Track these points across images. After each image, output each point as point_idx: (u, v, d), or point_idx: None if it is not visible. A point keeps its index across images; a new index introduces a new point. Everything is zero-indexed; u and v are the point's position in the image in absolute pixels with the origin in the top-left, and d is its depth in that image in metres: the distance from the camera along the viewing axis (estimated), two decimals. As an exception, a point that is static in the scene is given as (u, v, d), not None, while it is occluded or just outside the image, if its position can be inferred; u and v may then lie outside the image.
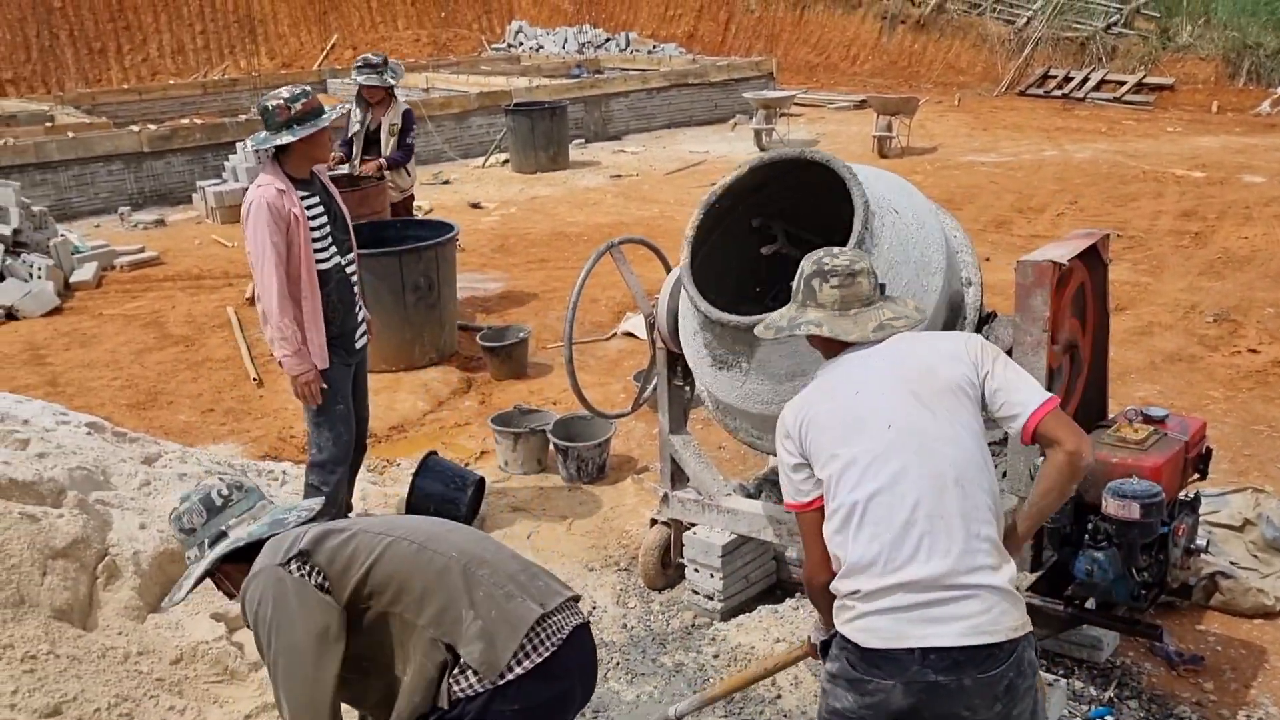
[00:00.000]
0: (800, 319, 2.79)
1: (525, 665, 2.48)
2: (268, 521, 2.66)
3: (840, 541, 2.60)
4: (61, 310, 9.11)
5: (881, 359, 2.71)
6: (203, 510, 2.64)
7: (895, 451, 2.57)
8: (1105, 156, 14.03)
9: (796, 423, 2.70)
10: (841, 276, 2.75)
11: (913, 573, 2.51)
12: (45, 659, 3.40)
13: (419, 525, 2.74)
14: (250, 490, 2.73)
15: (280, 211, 4.29)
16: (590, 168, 14.85)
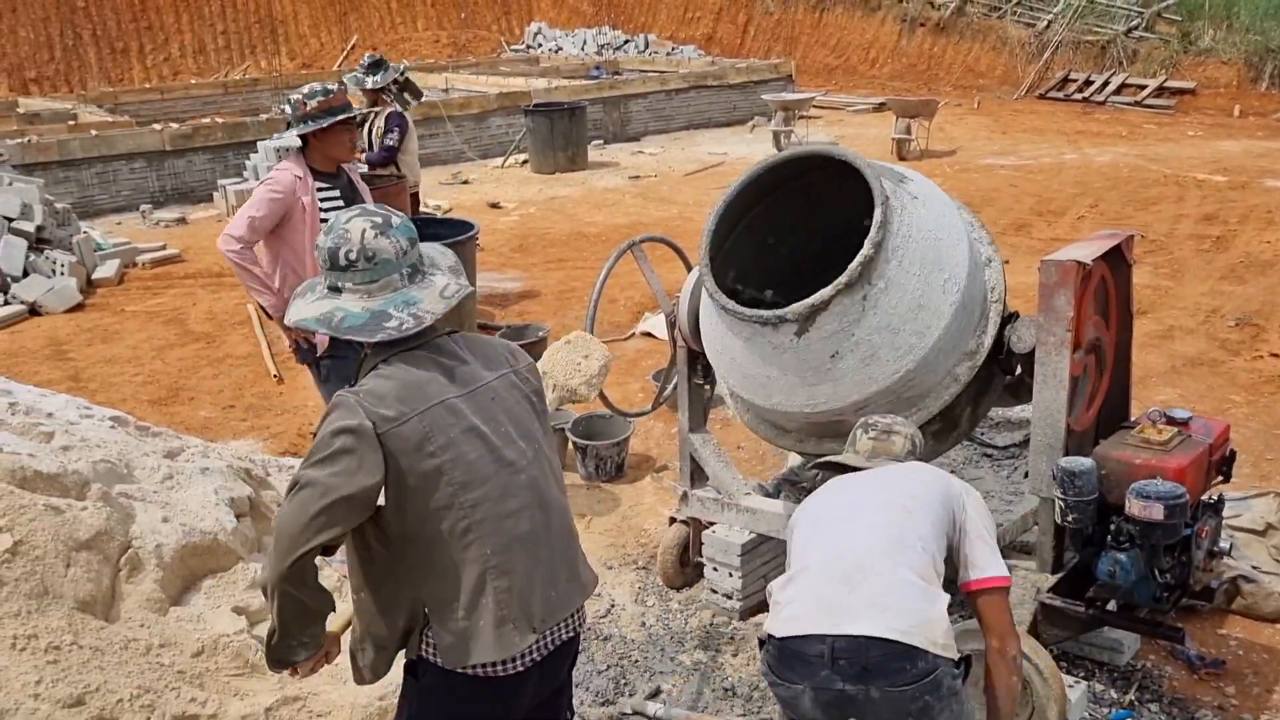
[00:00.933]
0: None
1: (481, 672, 2.46)
2: (374, 310, 2.46)
3: None
4: (84, 307, 9.18)
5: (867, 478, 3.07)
6: (327, 261, 2.50)
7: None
8: (1126, 160, 13.97)
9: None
10: (881, 432, 3.17)
11: None
12: (69, 650, 3.41)
13: (495, 489, 2.48)
14: (381, 263, 2.48)
15: (287, 191, 4.44)
16: (609, 168, 14.86)
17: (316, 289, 2.57)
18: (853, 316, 3.37)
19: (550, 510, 2.59)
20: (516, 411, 2.59)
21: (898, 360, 3.44)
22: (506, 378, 2.61)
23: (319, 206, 4.50)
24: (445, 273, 2.62)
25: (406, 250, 2.52)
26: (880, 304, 3.38)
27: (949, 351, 3.55)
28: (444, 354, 2.53)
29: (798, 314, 3.37)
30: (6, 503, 3.63)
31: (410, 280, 2.52)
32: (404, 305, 2.49)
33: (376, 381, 2.46)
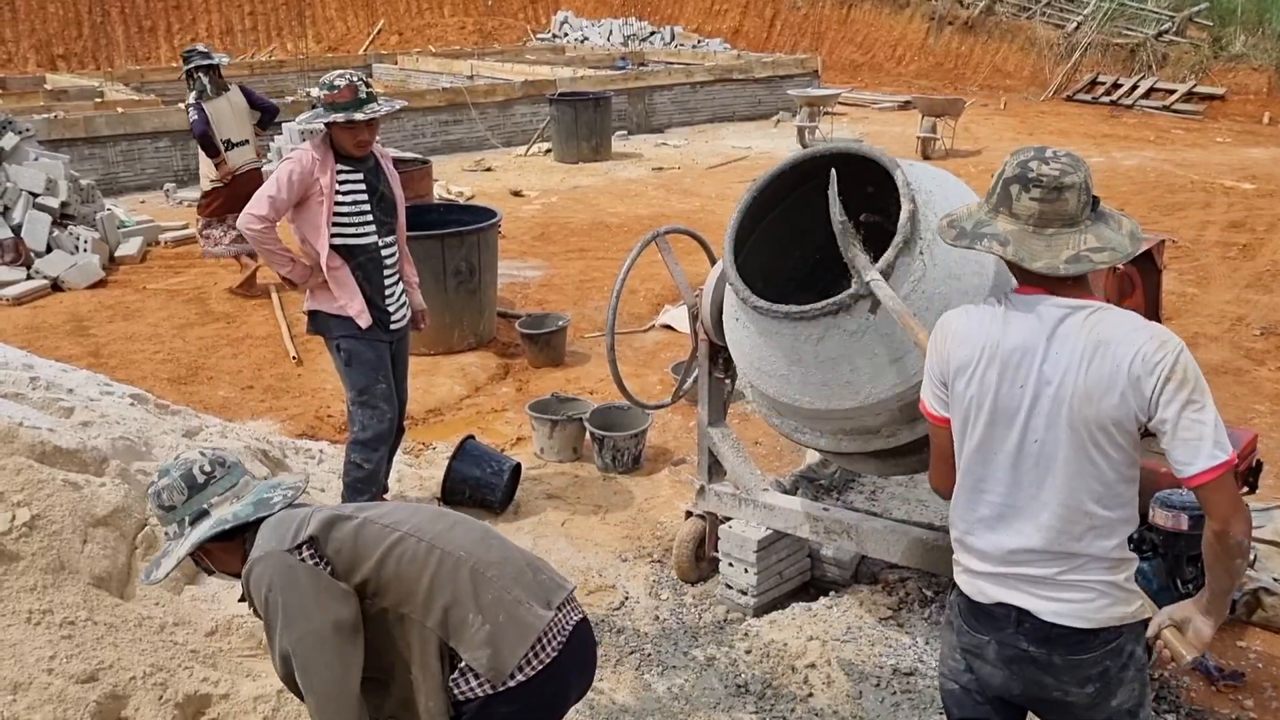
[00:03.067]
0: (985, 230, 2.39)
1: (528, 672, 2.46)
2: (252, 501, 2.55)
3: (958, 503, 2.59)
4: (106, 283, 9.22)
5: (1058, 354, 2.34)
6: (184, 487, 2.53)
7: (1036, 468, 2.40)
8: (1153, 165, 13.86)
9: (954, 357, 2.46)
10: (1046, 189, 2.33)
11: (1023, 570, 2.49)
12: (84, 625, 3.42)
13: (425, 520, 2.64)
14: (233, 466, 2.61)
15: (305, 172, 4.48)
16: (632, 159, 14.83)
17: (169, 548, 2.57)
18: (918, 273, 3.31)
19: (488, 527, 2.78)
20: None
21: (981, 272, 3.39)
22: None
23: (339, 189, 4.51)
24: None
25: (240, 461, 2.70)
26: (936, 255, 3.34)
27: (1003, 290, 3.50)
28: None
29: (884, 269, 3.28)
30: (25, 477, 3.65)
31: (253, 477, 2.67)
32: (273, 489, 2.62)
33: (263, 533, 2.52)
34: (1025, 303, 2.39)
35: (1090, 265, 2.33)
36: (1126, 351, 2.29)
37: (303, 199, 4.52)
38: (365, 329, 4.59)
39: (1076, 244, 2.33)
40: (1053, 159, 2.35)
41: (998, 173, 2.44)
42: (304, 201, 4.53)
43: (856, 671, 3.88)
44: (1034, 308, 2.37)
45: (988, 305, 2.47)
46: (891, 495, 4.79)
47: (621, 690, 3.91)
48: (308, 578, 2.40)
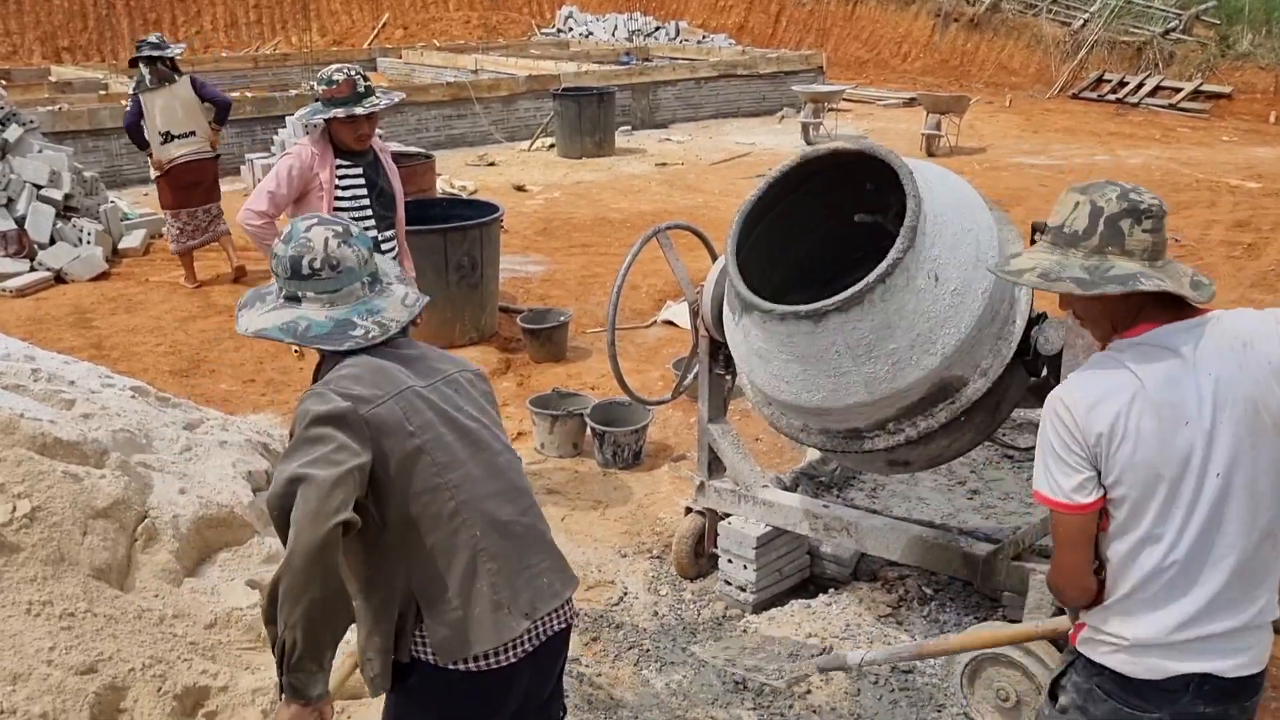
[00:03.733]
0: (1117, 273, 2.19)
1: (477, 666, 2.42)
2: (336, 319, 2.45)
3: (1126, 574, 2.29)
4: (109, 275, 9.23)
5: (1209, 375, 2.20)
6: (289, 269, 2.48)
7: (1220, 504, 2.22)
8: (1158, 163, 13.83)
9: (1095, 426, 2.20)
10: (1156, 219, 2.22)
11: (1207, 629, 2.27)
12: (83, 617, 3.42)
13: (475, 470, 2.47)
14: (345, 272, 2.47)
15: (304, 167, 4.50)
16: (636, 155, 14.82)
17: (267, 299, 2.54)
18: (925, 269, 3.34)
19: (526, 499, 2.58)
20: (479, 403, 2.60)
21: (982, 280, 3.41)
22: (465, 375, 2.63)
23: (339, 184, 4.53)
24: (398, 283, 2.63)
25: (367, 259, 2.53)
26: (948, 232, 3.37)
27: (989, 320, 3.53)
28: (401, 349, 2.55)
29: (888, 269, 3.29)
30: (26, 468, 3.65)
31: (371, 289, 2.52)
32: (367, 314, 2.49)
33: (346, 370, 2.43)
34: (1140, 345, 2.24)
35: (1207, 290, 2.25)
36: (1268, 342, 2.22)
37: (302, 194, 4.53)
38: None
39: (1184, 271, 2.26)
40: (1143, 190, 2.27)
41: (1081, 212, 2.25)
42: (304, 197, 4.54)
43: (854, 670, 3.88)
44: (1156, 344, 2.23)
45: (1096, 366, 2.27)
46: (892, 493, 4.79)
47: (620, 685, 3.91)
48: (352, 431, 2.30)
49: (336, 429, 2.29)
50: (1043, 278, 2.25)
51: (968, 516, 4.48)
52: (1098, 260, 2.22)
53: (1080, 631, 2.36)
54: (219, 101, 8.77)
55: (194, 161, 8.59)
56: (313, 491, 2.21)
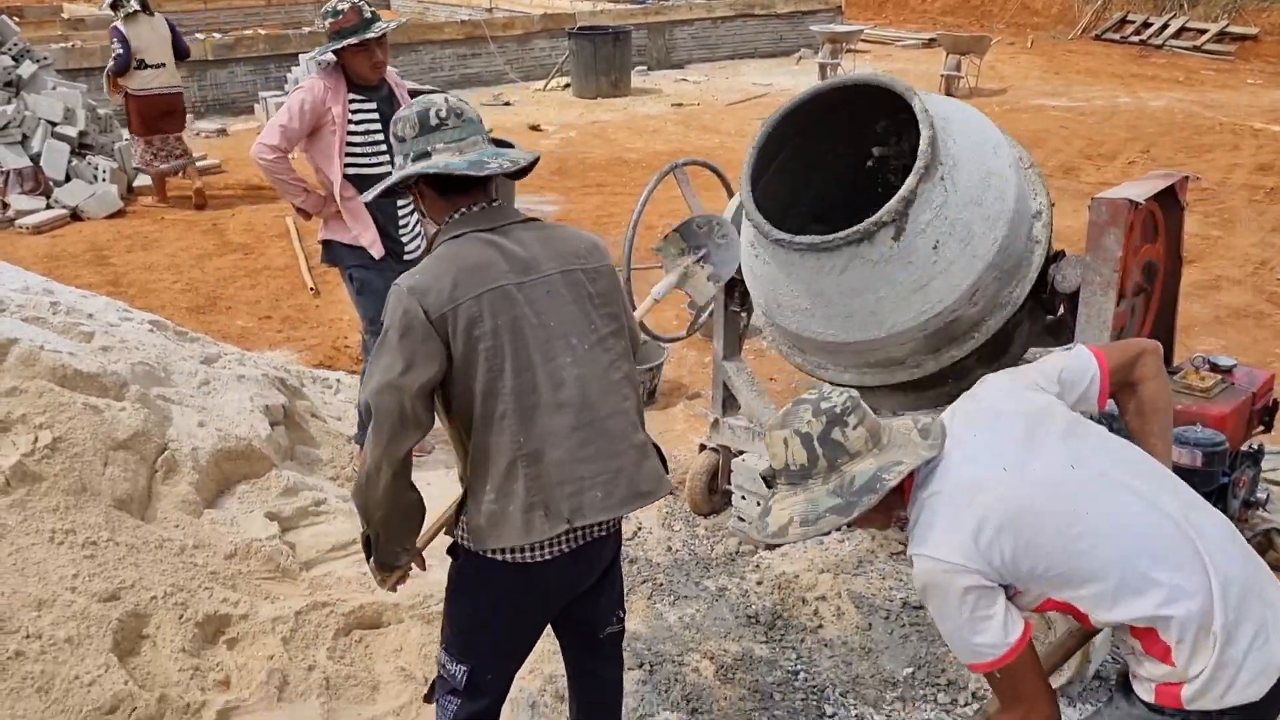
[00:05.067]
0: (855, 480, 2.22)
1: (504, 558, 2.50)
2: (470, 159, 2.53)
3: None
4: (124, 213, 9.24)
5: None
6: (416, 123, 2.55)
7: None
8: (1181, 106, 13.64)
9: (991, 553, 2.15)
10: (856, 412, 2.28)
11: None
12: (105, 546, 3.48)
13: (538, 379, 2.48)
14: (469, 121, 2.58)
15: (317, 101, 4.47)
16: (651, 95, 14.69)
17: (401, 161, 2.59)
18: (939, 199, 3.29)
19: (599, 409, 2.55)
20: (573, 309, 2.56)
21: (991, 229, 3.37)
22: (572, 275, 2.58)
23: (351, 118, 4.50)
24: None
25: (481, 119, 2.65)
26: (958, 181, 3.32)
27: (1023, 217, 3.50)
28: (507, 237, 2.55)
29: (892, 212, 3.25)
30: (47, 400, 3.68)
31: (489, 143, 2.62)
32: (495, 155, 2.55)
33: (432, 264, 2.51)
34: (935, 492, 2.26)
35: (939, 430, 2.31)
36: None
37: (315, 128, 4.51)
38: (378, 259, 4.59)
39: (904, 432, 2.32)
40: (825, 396, 2.31)
41: (795, 446, 2.26)
42: (317, 131, 4.52)
43: (866, 604, 3.92)
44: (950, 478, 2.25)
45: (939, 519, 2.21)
46: (905, 432, 4.80)
47: (634, 618, 3.95)
48: (421, 339, 2.42)
49: (410, 335, 2.42)
50: (805, 524, 2.22)
51: (981, 456, 4.50)
52: (838, 479, 2.22)
53: (1181, 691, 2.15)
54: (182, 49, 9.42)
55: (166, 94, 9.19)
56: (381, 423, 2.42)
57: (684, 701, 3.53)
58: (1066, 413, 2.32)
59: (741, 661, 3.70)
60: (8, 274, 4.66)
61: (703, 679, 3.63)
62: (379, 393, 2.42)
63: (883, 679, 3.60)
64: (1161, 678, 2.16)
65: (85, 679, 3.08)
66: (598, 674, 2.99)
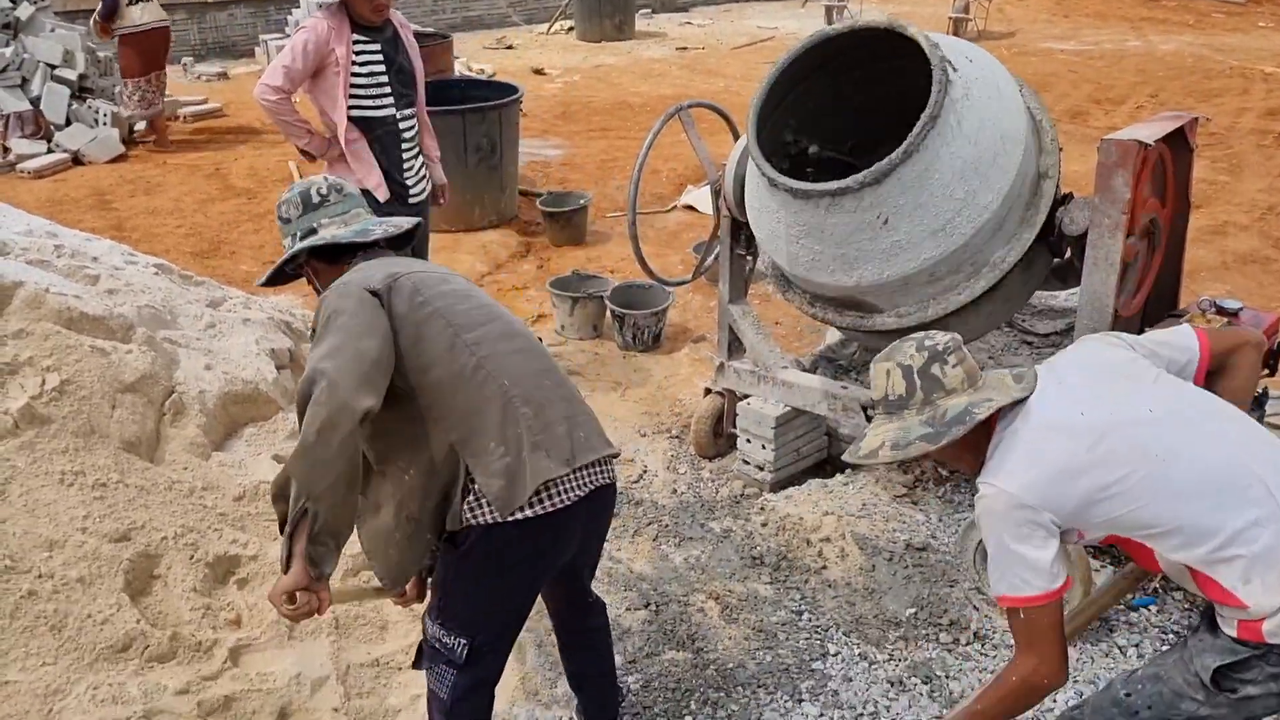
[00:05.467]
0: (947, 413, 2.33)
1: (535, 510, 2.47)
2: (356, 229, 2.68)
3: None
4: (126, 157, 9.19)
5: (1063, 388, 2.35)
6: (299, 203, 2.70)
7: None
8: (1191, 50, 13.48)
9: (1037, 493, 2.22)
10: (957, 351, 2.38)
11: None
12: (115, 487, 3.50)
13: (494, 334, 2.56)
14: (349, 196, 2.75)
15: (320, 41, 4.42)
16: (656, 39, 14.54)
17: (290, 237, 2.74)
18: (950, 142, 3.27)
19: (549, 359, 2.69)
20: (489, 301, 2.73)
21: (1002, 170, 3.36)
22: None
23: (355, 59, 4.45)
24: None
25: (360, 194, 2.80)
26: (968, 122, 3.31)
27: (1031, 156, 3.48)
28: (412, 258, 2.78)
29: (903, 155, 3.22)
30: (54, 342, 3.69)
31: (370, 211, 2.79)
32: (379, 224, 2.73)
33: (356, 273, 2.61)
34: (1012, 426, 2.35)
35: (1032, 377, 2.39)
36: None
37: (319, 69, 4.47)
38: (383, 202, 4.57)
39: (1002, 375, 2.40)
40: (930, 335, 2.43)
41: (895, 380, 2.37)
42: (320, 72, 4.48)
43: (870, 546, 3.95)
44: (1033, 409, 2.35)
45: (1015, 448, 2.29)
46: (910, 376, 4.81)
47: (639, 559, 3.99)
48: (371, 312, 2.44)
49: (355, 313, 2.41)
50: (895, 449, 2.33)
51: (985, 400, 4.50)
52: (931, 411, 2.33)
53: (1262, 625, 2.17)
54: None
55: (158, 29, 9.14)
56: (334, 383, 2.29)
57: (689, 641, 3.57)
58: (1149, 367, 2.39)
59: (746, 602, 3.74)
60: (11, 217, 4.64)
61: (708, 619, 3.67)
62: (333, 355, 2.32)
63: (885, 619, 3.64)
64: (1240, 615, 2.19)
65: (98, 618, 3.12)
66: (588, 628, 3.01)
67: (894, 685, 3.36)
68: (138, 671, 3.07)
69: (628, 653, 3.52)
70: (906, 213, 3.32)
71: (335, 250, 2.69)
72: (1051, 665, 2.26)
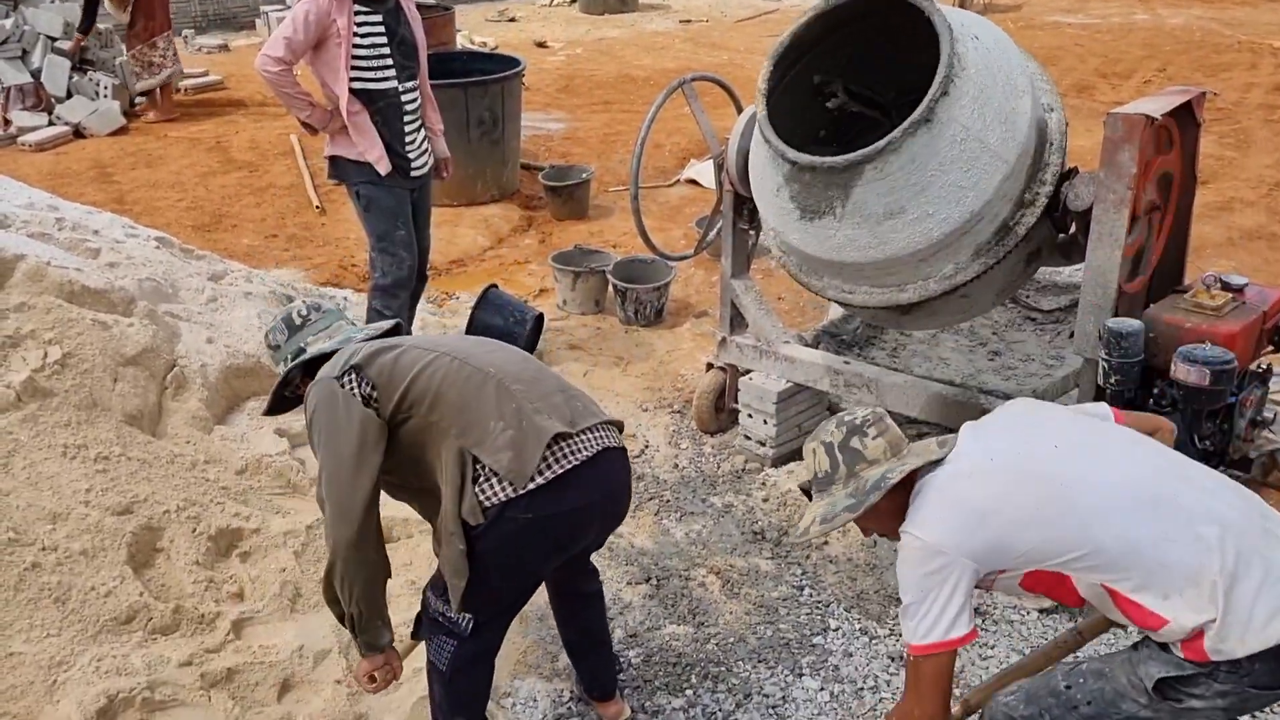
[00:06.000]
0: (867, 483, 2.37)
1: (547, 475, 2.52)
2: (339, 340, 2.80)
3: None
4: (127, 130, 9.15)
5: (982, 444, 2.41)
6: (284, 328, 2.83)
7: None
8: (1200, 23, 13.38)
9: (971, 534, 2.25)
10: (878, 423, 2.43)
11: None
12: (117, 460, 3.51)
13: (466, 344, 2.80)
14: (329, 312, 2.88)
15: (322, 13, 4.39)
16: (659, 11, 14.45)
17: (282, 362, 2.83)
18: (958, 114, 3.23)
19: (539, 363, 2.87)
20: (494, 347, 2.86)
21: (1008, 143, 3.33)
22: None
23: (356, 31, 4.42)
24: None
25: (341, 308, 2.96)
26: (976, 94, 3.27)
27: (1036, 129, 3.48)
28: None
29: (912, 127, 3.20)
30: (55, 316, 3.69)
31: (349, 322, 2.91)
32: (360, 331, 2.87)
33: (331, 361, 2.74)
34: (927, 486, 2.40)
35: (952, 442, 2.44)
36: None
37: (320, 41, 4.44)
38: (385, 175, 4.55)
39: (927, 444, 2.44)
40: (851, 411, 2.49)
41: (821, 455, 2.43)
42: (322, 44, 4.45)
43: (871, 521, 3.95)
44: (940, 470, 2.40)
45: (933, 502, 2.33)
46: (913, 352, 4.80)
47: (640, 534, 4.00)
48: (342, 401, 2.58)
49: (328, 410, 2.59)
50: (824, 523, 2.39)
51: (988, 378, 4.49)
52: (855, 483, 2.39)
53: (1203, 641, 2.16)
54: None
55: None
56: (334, 492, 2.53)
57: (690, 615, 3.58)
58: (1068, 413, 2.52)
59: (747, 577, 3.74)
60: (12, 190, 4.63)
61: (709, 593, 3.68)
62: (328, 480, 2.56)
63: (886, 595, 3.65)
64: (1177, 636, 2.19)
65: (101, 590, 3.13)
66: (583, 591, 3.04)
67: (894, 660, 3.37)
68: (141, 643, 3.08)
69: (629, 627, 3.53)
70: (910, 189, 3.29)
71: (321, 363, 2.77)
72: (929, 709, 2.30)
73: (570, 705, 3.22)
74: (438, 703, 2.80)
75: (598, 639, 3.10)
